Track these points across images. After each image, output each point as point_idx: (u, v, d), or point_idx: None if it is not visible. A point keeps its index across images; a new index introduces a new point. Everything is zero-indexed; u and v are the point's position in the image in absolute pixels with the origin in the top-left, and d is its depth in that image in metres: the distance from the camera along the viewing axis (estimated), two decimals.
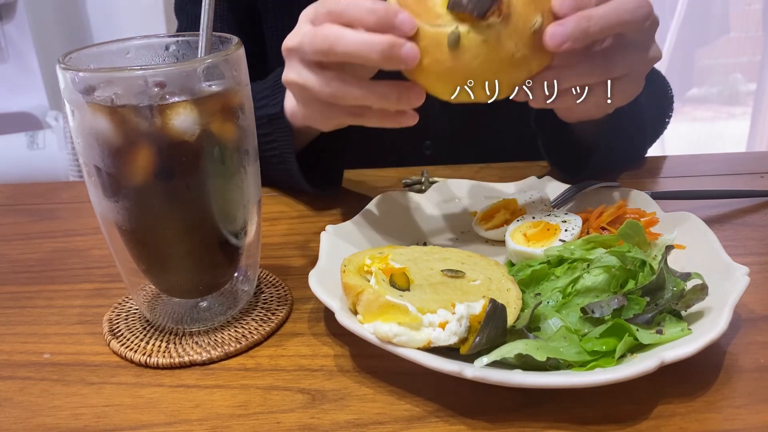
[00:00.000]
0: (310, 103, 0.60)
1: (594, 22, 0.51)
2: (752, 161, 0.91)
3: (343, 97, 0.56)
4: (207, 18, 0.52)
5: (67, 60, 0.49)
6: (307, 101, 0.60)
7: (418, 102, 0.55)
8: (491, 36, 0.50)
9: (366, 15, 0.52)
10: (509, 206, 0.68)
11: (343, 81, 0.56)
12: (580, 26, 0.51)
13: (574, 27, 0.51)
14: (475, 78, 0.52)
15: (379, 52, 0.51)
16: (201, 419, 0.46)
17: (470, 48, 0.51)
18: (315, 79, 0.57)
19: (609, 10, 0.52)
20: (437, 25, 0.51)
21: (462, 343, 0.46)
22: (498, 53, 0.51)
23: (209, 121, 0.49)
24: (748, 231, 0.68)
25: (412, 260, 0.55)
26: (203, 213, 0.52)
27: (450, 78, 0.53)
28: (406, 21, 0.51)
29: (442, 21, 0.51)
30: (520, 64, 0.52)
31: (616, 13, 0.52)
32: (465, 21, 0.51)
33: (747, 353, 0.50)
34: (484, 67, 0.52)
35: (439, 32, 0.51)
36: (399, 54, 0.51)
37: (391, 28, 0.51)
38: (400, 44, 0.51)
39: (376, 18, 0.51)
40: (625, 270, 0.53)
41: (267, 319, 0.57)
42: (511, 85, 0.54)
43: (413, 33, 0.51)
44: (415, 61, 0.51)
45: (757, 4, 2.57)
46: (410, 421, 0.45)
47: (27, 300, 0.63)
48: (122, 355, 0.53)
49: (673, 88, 0.94)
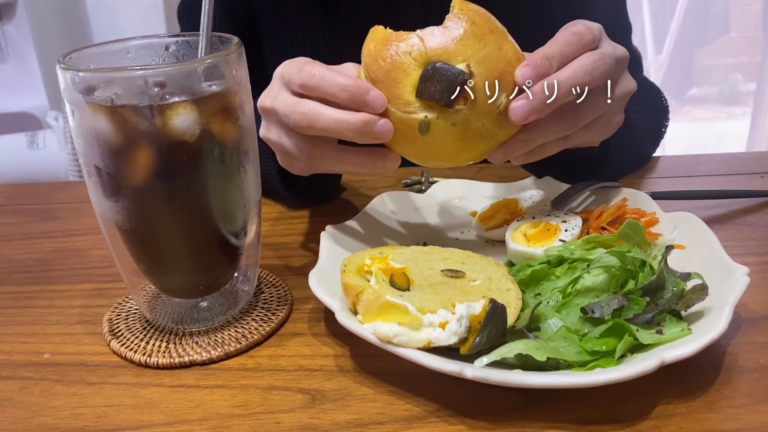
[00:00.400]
0: (288, 158, 0.62)
1: (555, 90, 0.52)
2: (752, 161, 0.91)
3: (320, 164, 0.59)
4: (207, 18, 0.52)
5: (67, 60, 0.49)
6: (285, 157, 0.62)
7: (394, 166, 0.57)
8: (459, 120, 0.53)
9: (338, 92, 0.54)
10: (509, 206, 0.68)
11: (321, 151, 0.58)
12: (542, 98, 0.52)
13: (537, 100, 0.52)
14: (447, 154, 0.55)
15: (354, 130, 0.53)
16: (201, 419, 0.46)
17: (440, 132, 0.54)
18: (293, 145, 0.59)
19: (569, 75, 0.53)
20: (408, 112, 0.54)
21: (462, 343, 0.46)
22: (467, 132, 0.54)
23: (209, 121, 0.49)
24: (748, 231, 0.68)
25: (412, 260, 0.55)
26: (203, 213, 0.52)
27: (423, 154, 0.56)
28: (376, 98, 0.53)
29: (412, 108, 0.53)
30: (489, 138, 0.55)
31: (575, 77, 0.53)
32: (433, 108, 0.53)
33: (747, 353, 0.50)
34: (456, 146, 0.54)
35: (410, 118, 0.54)
36: (373, 131, 0.53)
37: (362, 105, 0.53)
38: (374, 122, 0.53)
39: (348, 95, 0.53)
40: (625, 270, 0.53)
41: (267, 319, 0.57)
42: (482, 154, 0.56)
43: (383, 110, 0.53)
44: (389, 135, 0.54)
45: (757, 4, 2.57)
46: (410, 421, 0.45)
47: (27, 300, 0.63)
48: (122, 355, 0.53)
49: (673, 88, 0.95)
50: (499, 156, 0.56)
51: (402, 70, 0.53)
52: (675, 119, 0.94)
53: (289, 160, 0.62)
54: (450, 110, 0.52)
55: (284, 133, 0.59)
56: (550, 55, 0.54)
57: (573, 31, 0.55)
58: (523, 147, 0.56)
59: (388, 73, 0.54)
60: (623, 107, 0.62)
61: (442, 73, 0.52)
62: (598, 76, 0.54)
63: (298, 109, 0.55)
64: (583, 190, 0.70)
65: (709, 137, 2.77)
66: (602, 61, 0.54)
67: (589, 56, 0.54)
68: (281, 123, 0.59)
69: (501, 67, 0.53)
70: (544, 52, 0.54)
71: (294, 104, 0.56)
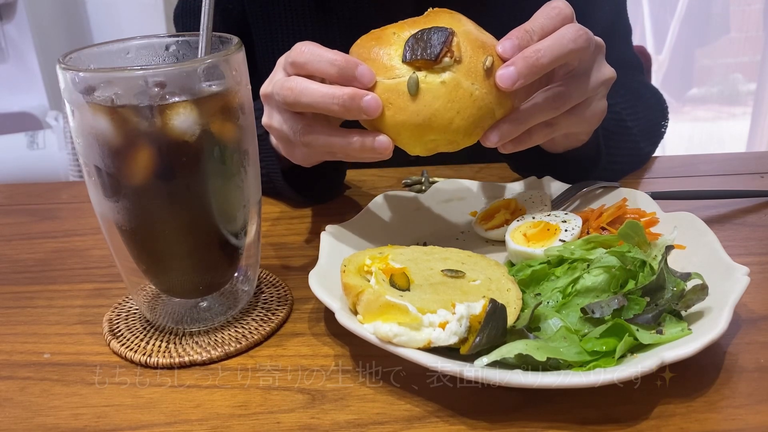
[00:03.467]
0: (287, 145, 0.63)
1: (541, 55, 0.53)
2: (752, 161, 0.91)
3: (311, 144, 0.58)
4: (207, 18, 0.52)
5: (67, 60, 0.49)
6: (284, 143, 0.63)
7: (384, 150, 0.55)
8: (448, 77, 0.53)
9: (327, 67, 0.54)
10: (509, 206, 0.68)
11: (311, 130, 0.58)
12: (528, 63, 0.53)
13: (522, 64, 0.53)
14: (440, 118, 0.53)
15: (340, 104, 0.53)
16: (201, 419, 0.46)
17: (430, 90, 0.53)
18: (288, 127, 0.59)
19: (551, 43, 0.54)
20: (395, 77, 0.54)
21: (462, 343, 0.46)
22: (457, 91, 0.53)
23: (209, 121, 0.49)
24: (748, 231, 0.68)
25: (412, 260, 0.55)
26: (203, 213, 0.52)
27: (414, 124, 0.54)
28: (365, 73, 0.53)
29: (400, 72, 0.54)
30: (481, 104, 0.54)
31: (560, 44, 0.54)
32: (421, 68, 0.53)
33: (747, 353, 0.50)
34: (447, 107, 0.53)
35: (398, 82, 0.54)
36: (359, 105, 0.53)
37: (351, 79, 0.53)
38: (361, 96, 0.53)
39: (337, 69, 0.54)
40: (625, 270, 0.53)
41: (267, 319, 0.57)
42: (476, 127, 0.55)
43: (372, 84, 0.54)
44: (377, 110, 0.53)
45: (757, 4, 2.57)
46: (410, 421, 0.45)
47: (27, 300, 0.63)
48: (122, 355, 0.53)
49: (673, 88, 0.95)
50: (493, 138, 0.56)
51: (387, 44, 0.55)
52: (675, 119, 0.94)
53: (289, 148, 0.62)
54: (437, 66, 0.53)
55: (280, 117, 0.60)
56: (530, 29, 0.55)
57: (552, 6, 0.56)
58: (513, 128, 0.56)
59: (373, 50, 0.55)
60: (605, 94, 0.63)
61: (427, 34, 0.53)
62: (581, 44, 0.55)
63: (286, 85, 0.56)
64: (583, 190, 0.70)
65: (710, 137, 2.77)
66: (584, 31, 0.55)
67: (570, 27, 0.55)
68: (277, 106, 0.59)
69: (482, 39, 0.55)
70: (524, 26, 0.55)
71: (283, 81, 0.57)
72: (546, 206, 0.68)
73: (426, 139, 0.55)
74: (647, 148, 0.86)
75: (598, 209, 0.64)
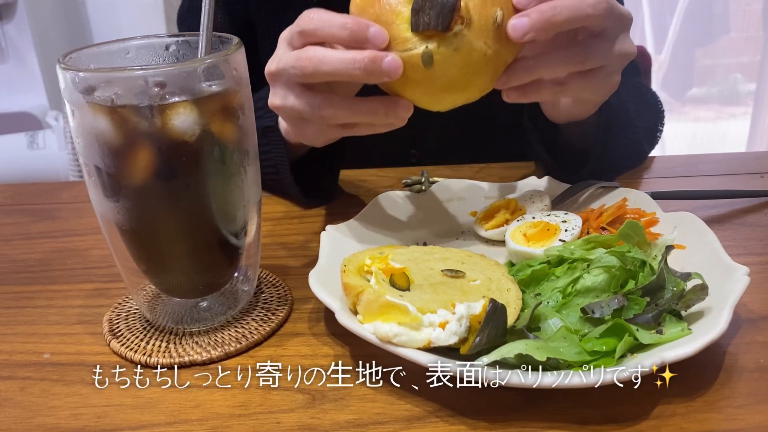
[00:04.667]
0: (300, 124, 0.61)
1: (556, 12, 0.52)
2: (752, 161, 0.91)
3: (332, 117, 0.57)
4: (207, 18, 0.52)
5: (67, 60, 0.49)
6: (296, 122, 0.62)
7: (407, 114, 0.56)
8: (460, 43, 0.52)
9: (339, 31, 0.53)
10: (509, 206, 0.68)
11: (330, 102, 0.57)
12: (542, 17, 0.52)
13: (537, 17, 0.52)
14: (457, 85, 0.54)
15: (362, 68, 0.52)
16: (201, 419, 0.46)
17: (444, 60, 0.52)
18: (301, 103, 0.58)
19: (570, 3, 0.53)
20: (407, 49, 0.52)
21: (462, 343, 0.46)
22: (471, 56, 0.52)
23: (209, 121, 0.49)
24: (748, 231, 0.68)
25: (412, 260, 0.55)
26: (203, 213, 0.52)
27: (433, 92, 0.54)
28: (378, 33, 0.52)
29: (411, 44, 0.52)
30: (495, 59, 0.53)
31: (578, 6, 0.53)
32: (432, 38, 0.52)
33: (747, 353, 0.50)
34: (463, 72, 0.53)
35: (411, 55, 0.52)
36: (381, 67, 0.52)
37: (364, 41, 0.52)
38: (381, 57, 0.52)
39: (349, 32, 0.52)
40: (625, 270, 0.53)
41: (267, 319, 0.57)
42: (492, 80, 0.55)
43: (386, 44, 0.52)
44: (398, 71, 0.52)
45: (757, 4, 2.57)
46: (410, 421, 0.45)
47: (27, 300, 0.63)
48: (122, 355, 0.53)
49: (673, 88, 0.95)
50: (502, 81, 0.55)
51: (392, 12, 0.53)
52: (675, 119, 0.94)
53: (301, 127, 0.61)
54: (449, 35, 0.51)
55: (293, 94, 0.58)
56: None
57: None
58: (524, 73, 0.55)
59: (378, 17, 0.53)
60: (621, 68, 0.62)
61: (433, 0, 0.51)
62: (600, 11, 0.54)
63: (303, 56, 0.55)
64: (583, 190, 0.70)
65: (710, 137, 2.77)
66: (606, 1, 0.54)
67: None
68: (289, 83, 0.58)
69: None
70: None
71: (298, 53, 0.55)
72: (546, 206, 0.68)
73: (445, 101, 0.55)
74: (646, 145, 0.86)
75: (598, 209, 0.64)
